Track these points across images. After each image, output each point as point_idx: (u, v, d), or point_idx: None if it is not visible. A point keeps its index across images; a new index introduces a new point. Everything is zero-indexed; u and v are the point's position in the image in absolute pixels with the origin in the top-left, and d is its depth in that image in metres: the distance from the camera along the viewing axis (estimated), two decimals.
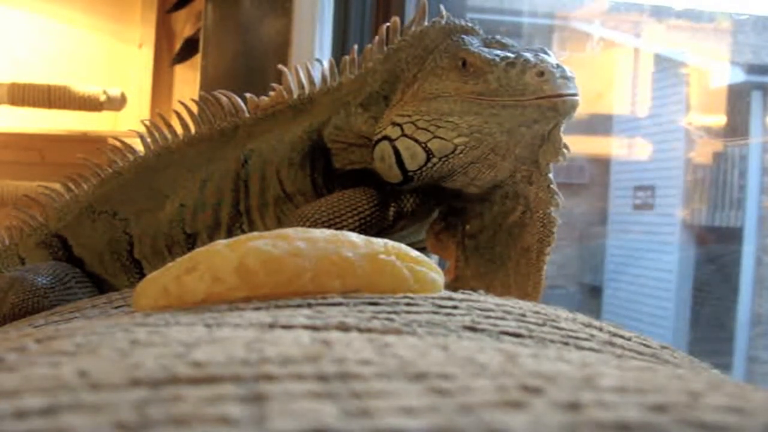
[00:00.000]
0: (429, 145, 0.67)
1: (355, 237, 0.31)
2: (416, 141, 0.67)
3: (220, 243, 0.31)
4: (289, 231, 0.31)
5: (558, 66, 0.63)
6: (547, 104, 0.62)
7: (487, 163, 0.66)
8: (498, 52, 0.65)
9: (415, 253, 0.33)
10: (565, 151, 0.67)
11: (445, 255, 0.72)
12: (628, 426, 0.16)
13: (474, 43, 0.68)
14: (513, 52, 0.65)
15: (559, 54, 0.67)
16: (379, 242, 0.32)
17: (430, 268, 0.33)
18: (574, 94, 0.63)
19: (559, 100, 0.62)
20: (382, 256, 0.31)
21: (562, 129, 0.66)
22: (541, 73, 0.62)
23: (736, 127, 2.16)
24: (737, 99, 2.12)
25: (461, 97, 0.65)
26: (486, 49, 0.66)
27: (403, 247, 0.32)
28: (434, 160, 0.67)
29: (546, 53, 0.65)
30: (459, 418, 0.16)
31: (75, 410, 0.16)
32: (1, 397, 0.17)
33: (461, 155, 0.66)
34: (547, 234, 0.68)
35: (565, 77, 0.63)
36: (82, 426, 0.16)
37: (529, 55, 0.63)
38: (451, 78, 0.66)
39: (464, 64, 0.65)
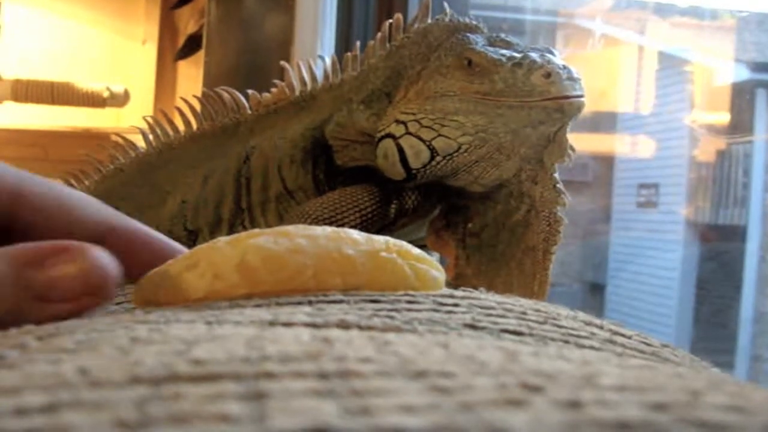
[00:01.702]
0: (433, 143, 0.66)
1: (356, 234, 0.31)
2: (420, 139, 0.67)
3: (221, 240, 0.30)
4: (290, 228, 0.31)
5: (565, 67, 0.63)
6: (554, 106, 0.62)
7: (491, 162, 0.66)
8: (504, 51, 0.65)
9: (416, 250, 0.32)
10: (570, 152, 0.67)
11: (446, 252, 0.72)
12: (628, 425, 0.16)
13: (479, 42, 0.68)
14: (519, 52, 0.65)
15: (562, 51, 0.66)
16: (380, 240, 0.31)
17: (432, 265, 0.32)
18: (581, 96, 0.63)
19: (566, 102, 0.62)
20: (384, 254, 0.31)
21: (568, 130, 0.66)
22: (548, 75, 0.61)
23: (740, 125, 2.16)
24: (741, 97, 2.12)
25: (466, 96, 0.65)
26: (492, 49, 0.66)
27: (405, 244, 0.32)
28: (438, 158, 0.66)
29: (552, 53, 0.65)
30: (459, 416, 0.16)
31: (75, 408, 0.16)
32: (2, 395, 0.17)
33: (465, 154, 0.66)
34: (553, 233, 0.68)
35: (571, 79, 0.62)
36: (83, 423, 0.16)
37: (535, 56, 0.63)
38: (456, 77, 0.66)
39: (470, 63, 0.65)
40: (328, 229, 0.31)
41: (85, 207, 0.29)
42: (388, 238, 0.32)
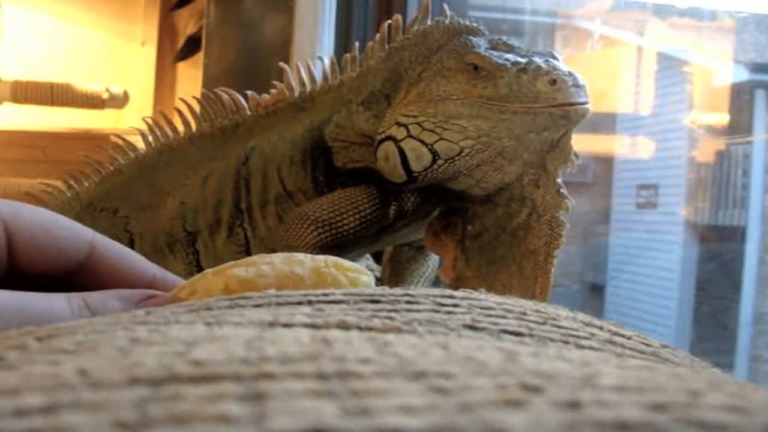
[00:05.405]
0: (435, 146, 0.66)
1: (302, 256, 0.40)
2: (422, 142, 0.66)
3: (209, 272, 0.39)
4: (255, 258, 0.40)
5: (570, 74, 0.62)
6: (560, 112, 0.61)
7: (493, 166, 0.66)
8: (508, 55, 0.64)
9: (348, 263, 0.40)
10: (574, 158, 0.67)
11: (443, 254, 0.71)
12: (628, 425, 0.16)
13: (481, 45, 0.67)
14: (522, 56, 0.64)
15: (561, 52, 0.66)
16: (320, 258, 0.40)
17: (362, 272, 0.40)
18: (586, 103, 0.62)
19: (572, 109, 0.61)
20: (324, 269, 0.39)
21: (572, 136, 0.66)
22: (554, 81, 0.61)
23: (740, 126, 2.16)
24: (740, 97, 2.12)
25: (470, 100, 0.64)
26: (495, 53, 0.65)
27: (339, 259, 0.40)
28: (440, 161, 0.66)
29: (556, 58, 0.64)
30: (459, 416, 0.16)
31: (75, 409, 0.16)
32: (1, 396, 0.17)
33: (467, 157, 0.65)
34: (555, 237, 0.68)
35: (577, 85, 0.62)
36: (82, 424, 0.16)
37: (540, 61, 0.62)
38: (459, 80, 0.65)
39: (474, 67, 0.65)
40: (282, 256, 0.40)
41: (137, 260, 0.41)
42: (327, 256, 0.40)
